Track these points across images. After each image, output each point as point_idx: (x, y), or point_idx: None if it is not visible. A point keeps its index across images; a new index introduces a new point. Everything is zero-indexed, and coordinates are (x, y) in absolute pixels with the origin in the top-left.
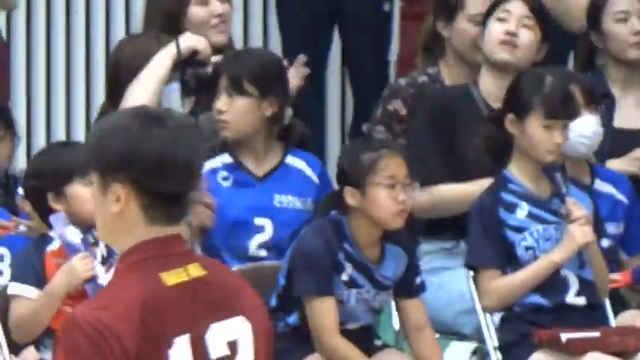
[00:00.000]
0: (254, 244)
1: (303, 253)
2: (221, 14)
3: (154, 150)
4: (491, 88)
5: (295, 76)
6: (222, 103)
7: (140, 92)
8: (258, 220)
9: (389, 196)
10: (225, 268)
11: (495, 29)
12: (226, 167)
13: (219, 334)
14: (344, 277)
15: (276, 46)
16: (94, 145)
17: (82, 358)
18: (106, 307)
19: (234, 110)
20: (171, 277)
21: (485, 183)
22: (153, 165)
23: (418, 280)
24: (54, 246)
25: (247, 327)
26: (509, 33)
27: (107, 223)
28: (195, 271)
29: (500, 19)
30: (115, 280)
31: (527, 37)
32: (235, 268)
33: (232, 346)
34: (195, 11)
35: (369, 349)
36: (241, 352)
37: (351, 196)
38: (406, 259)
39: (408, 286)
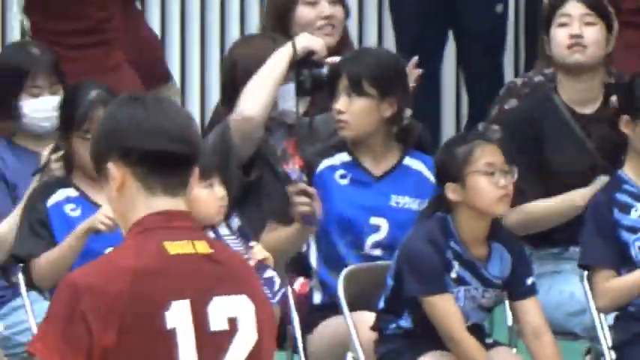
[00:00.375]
0: (369, 243)
1: (409, 254)
2: (329, 16)
3: (129, 117)
4: (569, 92)
5: (410, 77)
6: (341, 103)
7: (256, 93)
8: (374, 220)
9: (489, 182)
10: (231, 251)
11: (560, 35)
12: (344, 165)
13: (221, 308)
14: (452, 274)
15: (390, 47)
16: (92, 147)
17: (65, 314)
18: (97, 270)
19: (354, 111)
20: (175, 247)
21: (566, 198)
22: (131, 129)
23: (529, 280)
24: None
25: (250, 307)
26: (574, 36)
27: (117, 209)
28: (201, 247)
29: (562, 24)
30: (116, 248)
31: (593, 34)
32: (349, 267)
33: (232, 322)
34: (302, 12)
35: None
36: (242, 330)
37: (452, 191)
38: (512, 257)
39: (518, 287)
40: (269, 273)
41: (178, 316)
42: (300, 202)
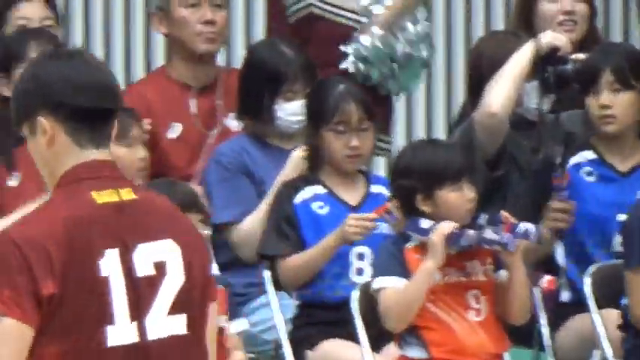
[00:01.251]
0: (618, 240)
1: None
2: (570, 11)
3: (58, 72)
4: None
5: None
6: (606, 98)
7: (500, 89)
8: (623, 217)
9: None
10: (159, 195)
11: None
12: (590, 163)
13: (146, 254)
14: None
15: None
16: (17, 102)
17: (9, 267)
18: (31, 222)
19: (621, 104)
20: (102, 197)
21: None
22: (61, 84)
23: None
24: (413, 242)
25: (176, 250)
26: None
27: (46, 163)
28: (126, 194)
29: None
30: (48, 200)
31: None
32: (596, 265)
33: (159, 267)
34: (545, 7)
35: None
36: (169, 274)
37: None
38: None
39: None
40: (521, 227)
41: (110, 264)
42: (557, 217)
